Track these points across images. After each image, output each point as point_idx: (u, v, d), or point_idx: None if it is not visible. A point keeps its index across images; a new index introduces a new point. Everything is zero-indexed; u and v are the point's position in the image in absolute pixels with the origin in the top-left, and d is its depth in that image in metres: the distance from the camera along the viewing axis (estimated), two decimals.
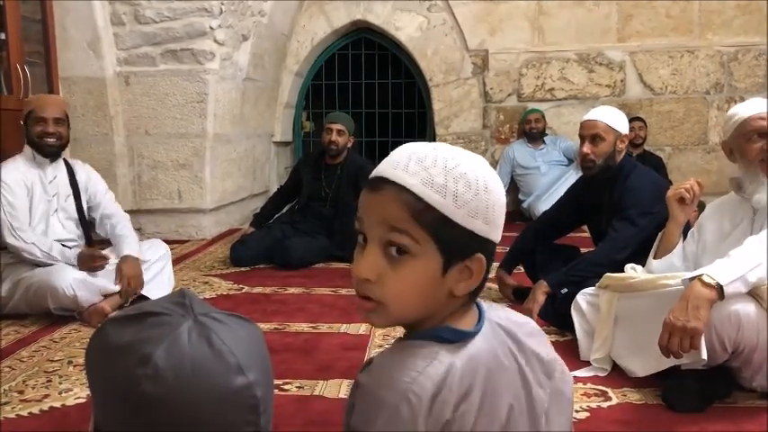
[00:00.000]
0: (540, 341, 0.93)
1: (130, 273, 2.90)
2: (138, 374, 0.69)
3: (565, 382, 0.94)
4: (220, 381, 0.70)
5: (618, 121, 2.70)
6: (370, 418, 0.77)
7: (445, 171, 0.82)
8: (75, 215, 3.11)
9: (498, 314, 0.91)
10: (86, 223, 3.15)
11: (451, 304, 0.86)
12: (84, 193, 3.14)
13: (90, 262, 2.87)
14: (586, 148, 2.67)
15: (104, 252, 3.00)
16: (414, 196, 0.80)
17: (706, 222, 2.24)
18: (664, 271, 2.20)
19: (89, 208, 3.16)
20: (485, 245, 0.84)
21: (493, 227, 0.84)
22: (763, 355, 1.88)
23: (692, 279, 1.85)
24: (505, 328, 0.90)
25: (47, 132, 2.92)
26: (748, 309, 1.84)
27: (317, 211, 4.21)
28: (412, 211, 0.80)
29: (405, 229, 0.81)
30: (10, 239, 2.82)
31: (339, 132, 4.12)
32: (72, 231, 3.09)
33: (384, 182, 0.83)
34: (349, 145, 4.20)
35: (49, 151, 2.96)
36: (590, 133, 2.67)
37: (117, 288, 2.88)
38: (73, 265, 2.84)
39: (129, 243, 3.03)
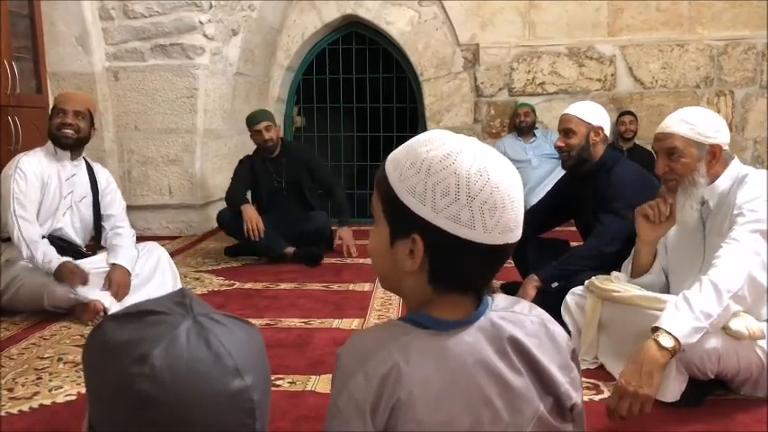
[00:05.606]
0: (544, 346, 0.92)
1: (119, 280, 2.87)
2: (133, 373, 0.68)
3: (573, 387, 0.96)
4: (217, 383, 0.70)
5: (591, 114, 2.74)
6: (334, 381, 0.86)
7: (407, 148, 0.88)
8: (88, 217, 3.08)
9: (503, 314, 0.90)
10: (99, 227, 3.12)
11: (416, 284, 0.89)
12: (101, 197, 3.11)
13: (70, 276, 2.75)
14: (559, 141, 2.77)
15: (96, 257, 3.00)
16: (384, 167, 0.90)
17: (671, 232, 2.21)
18: (644, 285, 2.19)
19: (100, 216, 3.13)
20: (429, 229, 0.84)
21: (432, 210, 0.83)
22: (746, 374, 1.91)
23: (653, 330, 1.77)
24: (503, 327, 0.89)
25: (65, 123, 2.92)
26: (723, 342, 1.84)
27: (279, 201, 4.25)
28: (378, 180, 0.90)
29: (376, 194, 0.91)
30: (11, 226, 2.79)
31: (267, 128, 4.15)
32: (80, 233, 3.06)
33: None
34: (279, 134, 4.29)
35: (66, 143, 2.95)
36: (563, 127, 2.75)
37: (105, 294, 2.82)
38: (50, 274, 2.74)
39: (125, 255, 2.99)
